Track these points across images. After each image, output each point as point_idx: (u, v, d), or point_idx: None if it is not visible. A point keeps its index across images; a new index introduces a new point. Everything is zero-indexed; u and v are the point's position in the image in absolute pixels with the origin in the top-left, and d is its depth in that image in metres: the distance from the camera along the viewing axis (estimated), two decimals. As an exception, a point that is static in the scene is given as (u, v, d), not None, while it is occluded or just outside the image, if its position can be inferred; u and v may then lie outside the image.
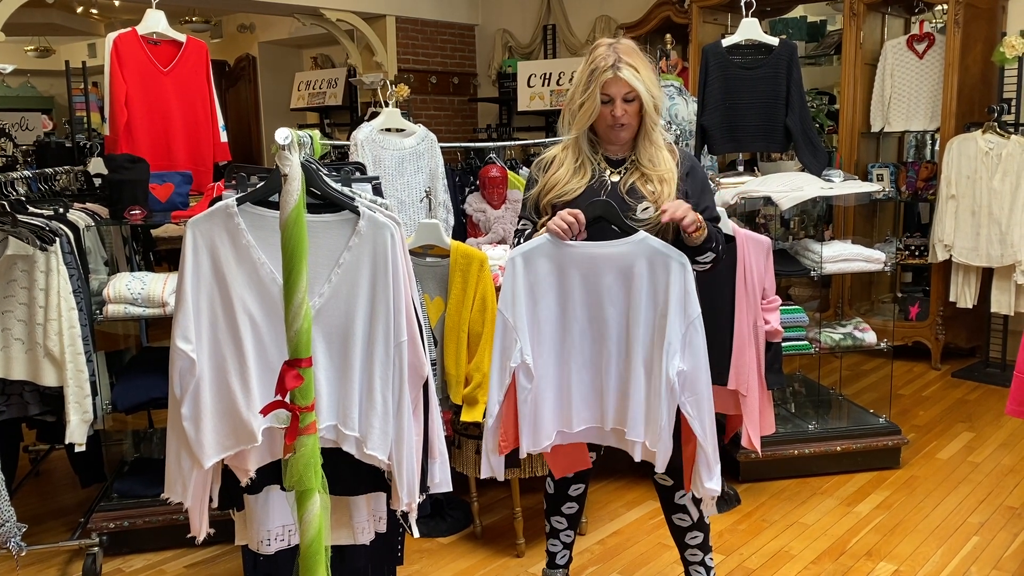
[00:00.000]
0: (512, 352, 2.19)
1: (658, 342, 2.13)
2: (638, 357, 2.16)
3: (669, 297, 2.11)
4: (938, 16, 5.41)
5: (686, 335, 2.12)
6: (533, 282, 2.19)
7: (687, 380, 2.13)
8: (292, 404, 1.73)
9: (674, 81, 4.48)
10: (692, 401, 2.14)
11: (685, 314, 2.12)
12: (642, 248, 2.14)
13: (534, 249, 2.19)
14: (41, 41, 10.93)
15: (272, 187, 1.88)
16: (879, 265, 3.66)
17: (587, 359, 2.21)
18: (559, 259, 2.18)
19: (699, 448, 2.15)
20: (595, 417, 2.24)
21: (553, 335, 2.21)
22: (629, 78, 2.20)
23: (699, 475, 2.18)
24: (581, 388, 2.22)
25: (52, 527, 3.30)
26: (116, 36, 3.74)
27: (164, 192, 3.37)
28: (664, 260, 2.13)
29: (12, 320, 2.77)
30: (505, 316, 2.20)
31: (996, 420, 4.25)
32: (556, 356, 2.22)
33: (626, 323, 2.17)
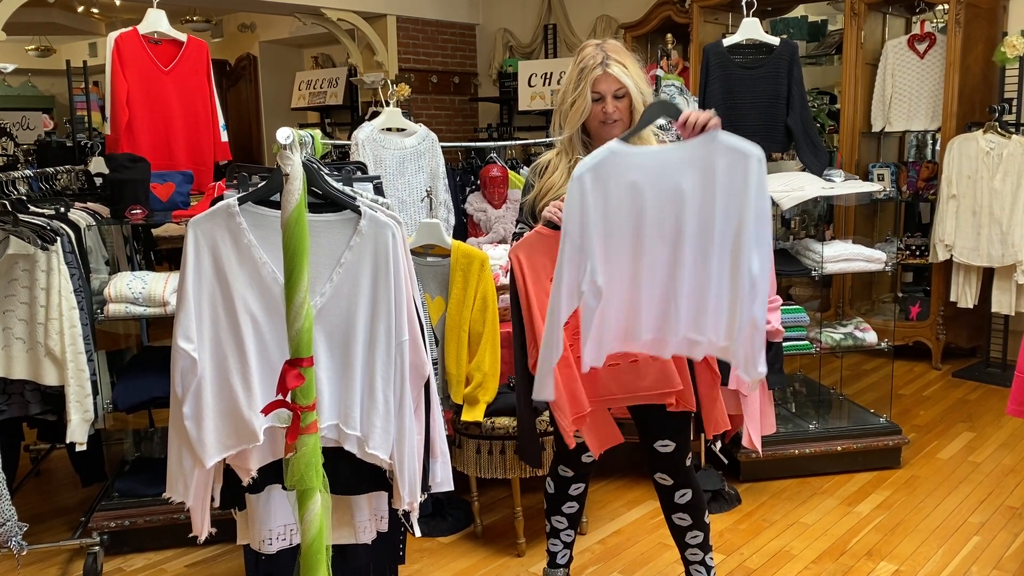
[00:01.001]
0: (582, 276, 2.05)
1: (737, 240, 2.01)
2: (714, 258, 2.04)
3: (747, 193, 1.99)
4: (939, 16, 5.41)
5: (758, 228, 2.02)
6: (601, 197, 2.06)
7: None
8: (293, 403, 1.73)
9: (675, 81, 4.48)
10: (760, 290, 2.03)
11: (758, 209, 2.01)
12: (716, 146, 2.02)
13: (599, 162, 2.05)
14: (42, 40, 10.93)
15: (274, 186, 1.88)
16: (880, 265, 3.66)
17: (659, 270, 2.08)
18: (628, 169, 2.05)
19: (755, 334, 2.04)
20: (662, 327, 2.11)
21: (623, 251, 2.08)
22: (618, 74, 2.25)
23: (752, 361, 2.07)
24: (652, 304, 2.10)
25: (53, 526, 3.31)
26: (117, 35, 3.74)
27: (165, 191, 3.38)
28: (739, 156, 2.00)
29: (13, 319, 2.77)
30: (572, 238, 2.05)
31: (997, 420, 4.25)
32: (625, 274, 2.09)
33: (702, 227, 2.04)
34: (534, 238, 2.32)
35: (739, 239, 2.02)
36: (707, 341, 2.10)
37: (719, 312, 2.07)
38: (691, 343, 2.11)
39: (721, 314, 2.07)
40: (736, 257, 2.02)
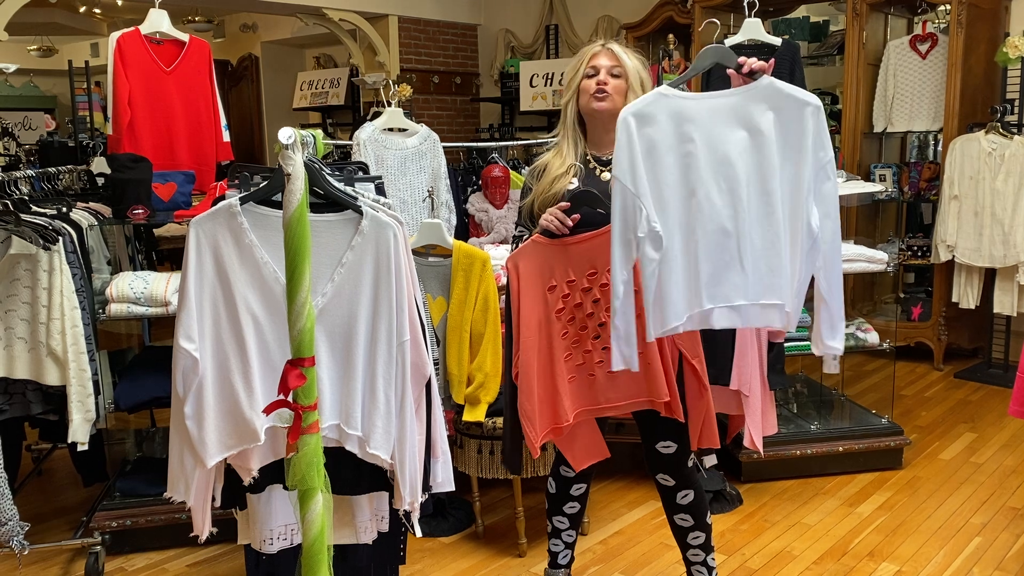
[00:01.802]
0: (637, 221, 1.94)
1: (795, 192, 1.90)
2: (778, 212, 1.92)
3: (804, 142, 1.89)
4: (941, 16, 5.41)
5: (817, 180, 1.91)
6: (650, 141, 1.94)
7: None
8: (295, 403, 1.73)
9: (677, 81, 4.47)
10: (824, 250, 1.94)
11: (816, 158, 1.90)
12: (770, 92, 1.91)
13: (647, 106, 1.95)
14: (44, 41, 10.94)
15: (275, 186, 1.88)
16: (882, 266, 3.66)
17: (717, 224, 1.94)
18: (677, 113, 1.93)
19: (823, 304, 1.97)
20: (729, 293, 1.96)
21: (676, 200, 1.95)
22: (617, 51, 2.31)
23: (820, 334, 1.99)
24: (711, 259, 1.95)
25: (55, 526, 3.31)
26: (119, 35, 3.74)
27: (167, 191, 3.38)
28: (796, 102, 1.91)
29: (15, 319, 2.77)
30: (623, 183, 1.94)
31: (999, 421, 4.25)
32: (680, 224, 1.96)
33: (760, 176, 1.92)
34: (530, 247, 2.32)
35: (797, 190, 1.90)
36: (780, 305, 1.95)
37: (789, 273, 1.93)
38: (764, 309, 1.96)
39: (790, 276, 1.93)
40: (795, 210, 1.90)
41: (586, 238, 2.26)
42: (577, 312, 2.31)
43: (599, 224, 2.24)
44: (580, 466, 2.42)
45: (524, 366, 2.32)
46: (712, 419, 2.34)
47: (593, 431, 2.40)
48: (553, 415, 2.33)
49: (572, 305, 2.31)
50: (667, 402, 2.27)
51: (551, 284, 2.31)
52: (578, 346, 2.32)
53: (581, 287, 2.29)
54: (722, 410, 2.96)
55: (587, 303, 2.30)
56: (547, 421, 2.33)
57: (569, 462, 2.44)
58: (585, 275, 2.28)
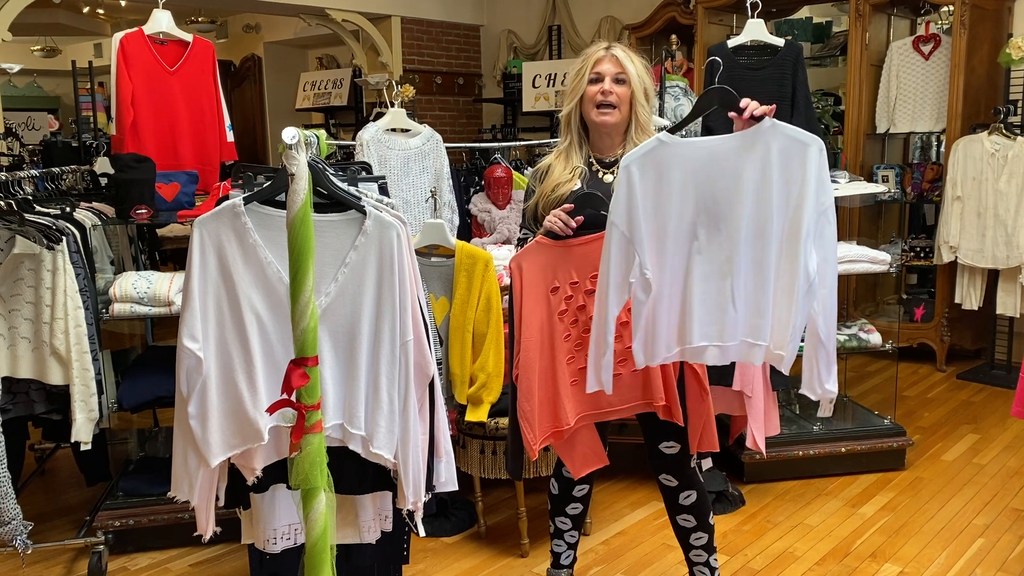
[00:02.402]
0: (630, 268, 1.99)
1: (793, 236, 1.91)
2: (772, 256, 1.94)
3: (805, 185, 1.89)
4: (944, 17, 5.41)
5: (818, 224, 1.91)
6: (651, 188, 1.98)
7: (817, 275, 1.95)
8: (298, 403, 1.73)
9: (679, 82, 4.48)
10: (822, 295, 1.94)
11: (818, 202, 1.90)
12: (772, 135, 1.92)
13: (648, 153, 1.98)
14: (47, 41, 10.96)
15: (279, 186, 1.88)
16: (884, 266, 3.65)
17: (714, 267, 1.99)
18: (678, 160, 1.96)
19: (820, 347, 1.98)
20: (720, 333, 2.01)
21: (674, 244, 2.00)
22: (621, 57, 2.28)
23: (817, 377, 2.00)
24: (706, 300, 2.00)
25: (58, 525, 3.32)
26: (123, 36, 3.75)
27: (170, 191, 3.38)
28: (798, 146, 1.91)
29: (19, 319, 2.78)
30: (620, 229, 1.98)
31: (1001, 422, 4.25)
32: (677, 267, 2.01)
33: (758, 221, 1.94)
34: (534, 248, 2.32)
35: (796, 234, 1.91)
36: (766, 347, 1.99)
37: (777, 316, 1.96)
38: (750, 347, 2.00)
39: (778, 318, 1.96)
40: (792, 254, 1.91)
41: (589, 240, 2.26)
42: (580, 314, 2.31)
43: (602, 226, 2.23)
44: (579, 473, 2.42)
45: (524, 367, 2.31)
46: (712, 423, 2.34)
47: (593, 438, 2.40)
48: (554, 418, 2.33)
49: (575, 307, 2.31)
50: (666, 406, 2.27)
51: (554, 286, 2.31)
52: (581, 349, 2.32)
53: (584, 289, 2.29)
54: (725, 411, 2.96)
55: (590, 305, 2.30)
56: (547, 424, 2.33)
57: (569, 469, 2.44)
58: (588, 277, 2.28)
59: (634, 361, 2.06)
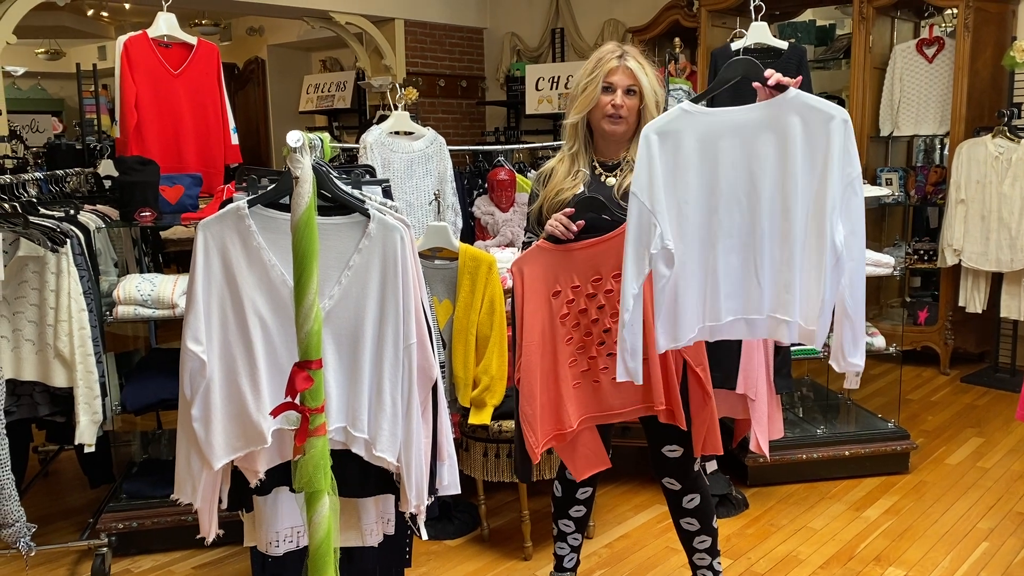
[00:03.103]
0: (651, 238, 1.94)
1: (819, 208, 1.87)
2: (797, 229, 1.90)
3: (830, 157, 1.86)
4: (948, 20, 5.40)
5: (844, 196, 1.87)
6: (671, 159, 1.94)
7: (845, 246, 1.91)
8: (302, 406, 1.73)
9: (683, 84, 4.48)
10: (849, 268, 1.90)
11: (843, 174, 1.86)
12: (795, 105, 1.88)
13: (670, 122, 1.94)
14: (52, 44, 10.99)
15: (283, 189, 1.88)
16: (888, 270, 3.65)
17: (737, 240, 1.95)
18: (700, 130, 1.93)
19: (846, 320, 1.93)
20: (745, 306, 1.98)
21: (696, 216, 1.96)
22: (634, 68, 2.26)
23: (842, 350, 1.95)
24: (730, 274, 1.96)
25: (61, 527, 3.32)
26: (127, 39, 3.76)
27: (174, 194, 3.38)
28: (822, 116, 1.87)
29: (23, 321, 2.78)
30: (640, 200, 1.94)
31: (1006, 425, 4.24)
32: (700, 240, 1.96)
33: (782, 193, 1.91)
34: (535, 252, 2.32)
35: (821, 207, 1.87)
36: (795, 323, 1.94)
37: (806, 290, 1.91)
38: (777, 323, 1.96)
39: (807, 293, 1.91)
40: (819, 227, 1.87)
41: (591, 244, 2.26)
42: (582, 318, 2.31)
43: (604, 230, 2.24)
44: (581, 476, 2.42)
45: (526, 370, 2.31)
46: (715, 426, 2.34)
47: (595, 440, 2.40)
48: (556, 421, 2.33)
49: (577, 311, 2.31)
50: (669, 409, 2.27)
51: (556, 289, 2.31)
52: (583, 352, 2.32)
53: (586, 293, 2.29)
54: (728, 414, 2.96)
55: (592, 309, 2.30)
56: (549, 427, 2.33)
57: (571, 471, 2.44)
58: (590, 281, 2.29)
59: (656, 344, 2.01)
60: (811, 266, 1.91)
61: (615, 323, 2.25)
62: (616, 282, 2.22)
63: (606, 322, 2.29)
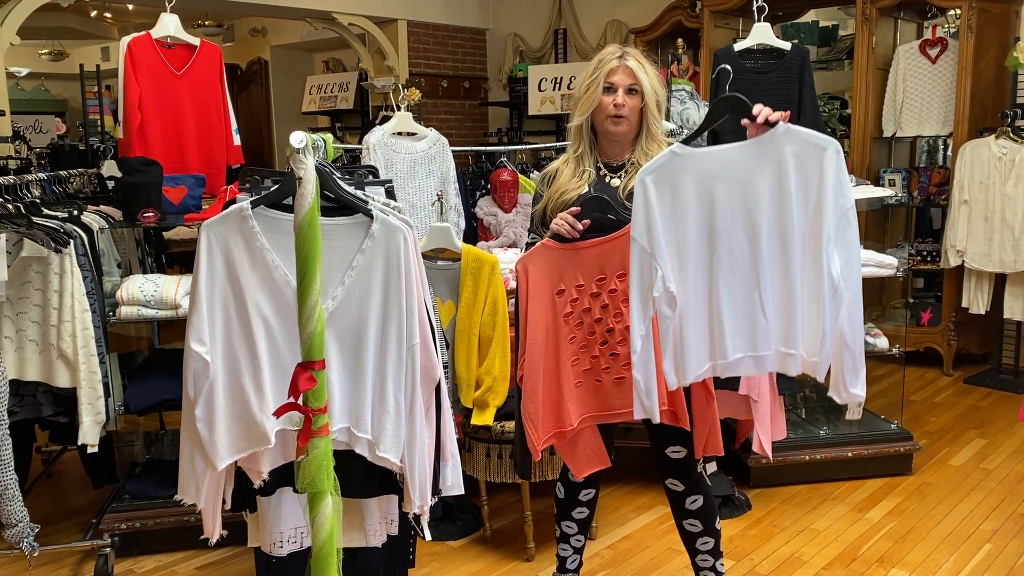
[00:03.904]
0: (653, 281, 1.96)
1: (815, 241, 1.89)
2: (796, 262, 1.93)
3: (824, 188, 1.87)
4: (951, 21, 5.40)
5: (838, 227, 1.89)
6: (668, 201, 1.96)
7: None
8: (305, 406, 1.73)
9: (685, 85, 4.47)
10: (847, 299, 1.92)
11: (837, 205, 1.88)
12: (786, 139, 1.91)
13: (663, 166, 1.96)
14: (55, 45, 11.01)
15: (286, 190, 1.88)
16: (891, 270, 3.65)
17: (739, 277, 1.97)
18: (693, 171, 1.95)
19: (845, 351, 1.94)
20: (751, 343, 2.00)
21: (696, 256, 1.98)
22: (635, 68, 2.27)
23: (843, 380, 1.97)
24: (734, 311, 1.99)
25: (64, 528, 3.32)
26: (130, 40, 3.76)
27: (177, 195, 3.39)
28: (813, 148, 1.89)
29: (26, 321, 2.79)
30: (640, 244, 1.97)
31: (1009, 427, 4.23)
32: (701, 280, 1.99)
33: (779, 228, 1.93)
34: (540, 250, 2.32)
35: (817, 239, 1.89)
36: (799, 355, 1.97)
37: (807, 322, 1.94)
38: (784, 357, 1.99)
39: (809, 325, 1.94)
40: (816, 259, 1.90)
41: (596, 243, 2.26)
42: (585, 317, 2.31)
43: (609, 229, 2.24)
44: (581, 474, 2.42)
45: (529, 368, 2.32)
46: (717, 428, 2.34)
47: (595, 439, 2.40)
48: (557, 419, 2.33)
49: (580, 310, 2.31)
50: (672, 411, 2.27)
51: (560, 288, 2.31)
52: (586, 351, 2.32)
53: (590, 292, 2.29)
54: (731, 415, 2.96)
55: (595, 308, 2.30)
56: (551, 424, 2.33)
57: (570, 469, 2.44)
58: (594, 280, 2.29)
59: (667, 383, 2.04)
60: (810, 298, 1.93)
61: (618, 323, 2.26)
62: (620, 282, 2.23)
63: (609, 322, 2.29)
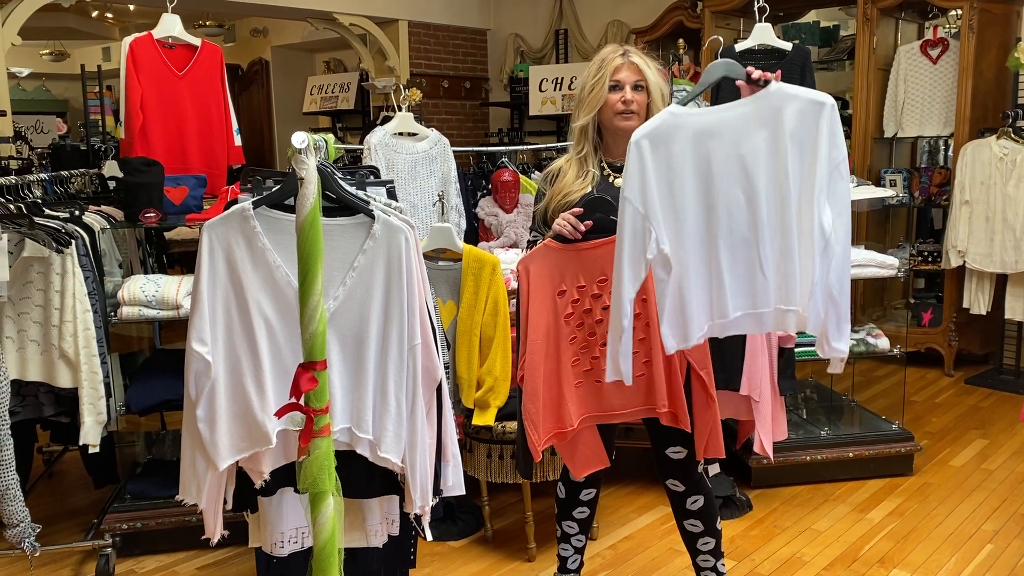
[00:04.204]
0: (646, 243, 1.94)
1: (807, 193, 1.90)
2: (792, 218, 1.92)
3: (819, 142, 1.89)
4: (952, 21, 5.40)
5: (830, 179, 1.90)
6: (664, 162, 1.94)
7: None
8: (306, 406, 1.73)
9: (687, 86, 4.48)
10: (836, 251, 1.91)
11: (830, 157, 1.89)
12: (780, 96, 1.91)
13: (658, 127, 1.94)
14: (56, 45, 11.01)
15: (288, 190, 1.88)
16: (892, 271, 3.64)
17: (738, 235, 1.95)
18: (689, 131, 1.94)
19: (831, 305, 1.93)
20: (752, 301, 1.98)
21: (695, 216, 1.96)
22: (639, 63, 2.28)
23: (827, 335, 1.95)
24: (734, 270, 1.97)
25: (66, 528, 3.32)
26: (132, 40, 3.76)
27: (178, 195, 3.39)
28: (807, 103, 1.90)
29: (28, 321, 2.79)
30: (634, 205, 1.94)
31: (1010, 427, 4.23)
32: (701, 240, 1.97)
33: (776, 184, 1.93)
34: (542, 251, 2.32)
35: (809, 191, 1.89)
36: (795, 311, 1.95)
37: (802, 278, 1.93)
38: (783, 315, 1.97)
39: (804, 280, 1.93)
40: (808, 212, 1.90)
41: (598, 244, 2.26)
42: (586, 318, 2.31)
43: (611, 230, 2.23)
44: (580, 474, 2.42)
45: (530, 369, 2.32)
46: (718, 429, 2.33)
47: (594, 439, 2.40)
48: (557, 419, 2.33)
49: (581, 310, 2.31)
50: (673, 412, 2.27)
51: (561, 289, 2.31)
52: (586, 352, 2.32)
53: (591, 293, 2.29)
54: (732, 415, 2.96)
55: (597, 309, 2.30)
56: (551, 425, 2.33)
57: (569, 469, 2.44)
58: (596, 281, 2.29)
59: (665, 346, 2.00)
60: (806, 254, 1.92)
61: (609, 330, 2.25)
62: None
63: None
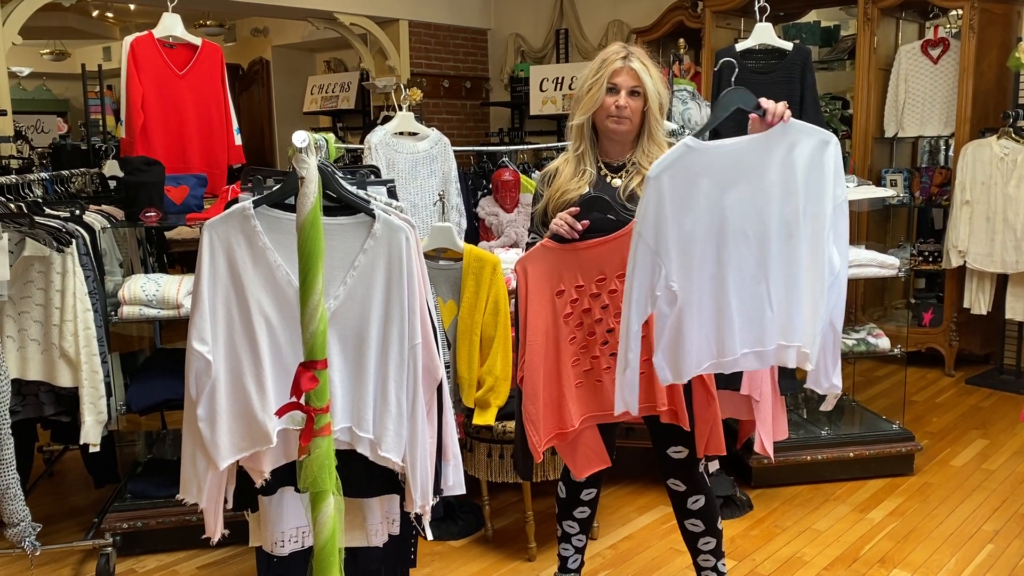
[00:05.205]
0: (656, 280, 1.95)
1: (816, 231, 1.92)
2: (800, 254, 1.94)
3: (825, 180, 1.92)
4: (953, 21, 5.40)
5: (833, 218, 1.92)
6: (679, 197, 1.94)
7: None
8: (307, 406, 1.73)
9: (687, 86, 4.47)
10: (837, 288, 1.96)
11: (835, 195, 1.92)
12: (791, 133, 1.94)
13: (676, 160, 1.93)
14: (57, 44, 11.01)
15: (289, 190, 1.88)
16: (893, 271, 3.64)
17: (747, 272, 1.96)
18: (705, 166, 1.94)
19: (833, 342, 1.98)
20: (760, 338, 1.99)
21: (706, 252, 1.96)
22: (639, 69, 2.26)
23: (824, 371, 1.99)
24: (742, 307, 1.97)
25: (66, 527, 3.32)
26: (133, 39, 3.76)
27: (179, 194, 3.39)
28: (817, 142, 1.93)
29: (28, 321, 2.79)
30: (646, 241, 1.94)
31: (1011, 427, 4.23)
32: (710, 276, 1.97)
33: (785, 220, 1.94)
34: (539, 251, 2.32)
35: (818, 230, 1.92)
36: (796, 348, 1.98)
37: (806, 314, 1.95)
38: (784, 350, 2.00)
39: (807, 316, 1.95)
40: (817, 250, 1.92)
41: (596, 244, 2.26)
42: (585, 317, 2.31)
43: (609, 230, 2.24)
44: (581, 474, 2.42)
45: (529, 369, 2.32)
46: (719, 428, 2.33)
47: (595, 439, 2.40)
48: (558, 420, 2.33)
49: (580, 310, 2.31)
50: (673, 410, 2.27)
51: (559, 288, 2.31)
52: (586, 351, 2.32)
53: (590, 292, 2.29)
54: (732, 415, 2.95)
55: (596, 309, 2.30)
56: (552, 425, 2.33)
57: (570, 469, 2.44)
58: (594, 280, 2.29)
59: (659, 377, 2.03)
60: (811, 289, 1.95)
61: (618, 323, 2.25)
62: (620, 282, 2.22)
63: (609, 322, 2.29)
